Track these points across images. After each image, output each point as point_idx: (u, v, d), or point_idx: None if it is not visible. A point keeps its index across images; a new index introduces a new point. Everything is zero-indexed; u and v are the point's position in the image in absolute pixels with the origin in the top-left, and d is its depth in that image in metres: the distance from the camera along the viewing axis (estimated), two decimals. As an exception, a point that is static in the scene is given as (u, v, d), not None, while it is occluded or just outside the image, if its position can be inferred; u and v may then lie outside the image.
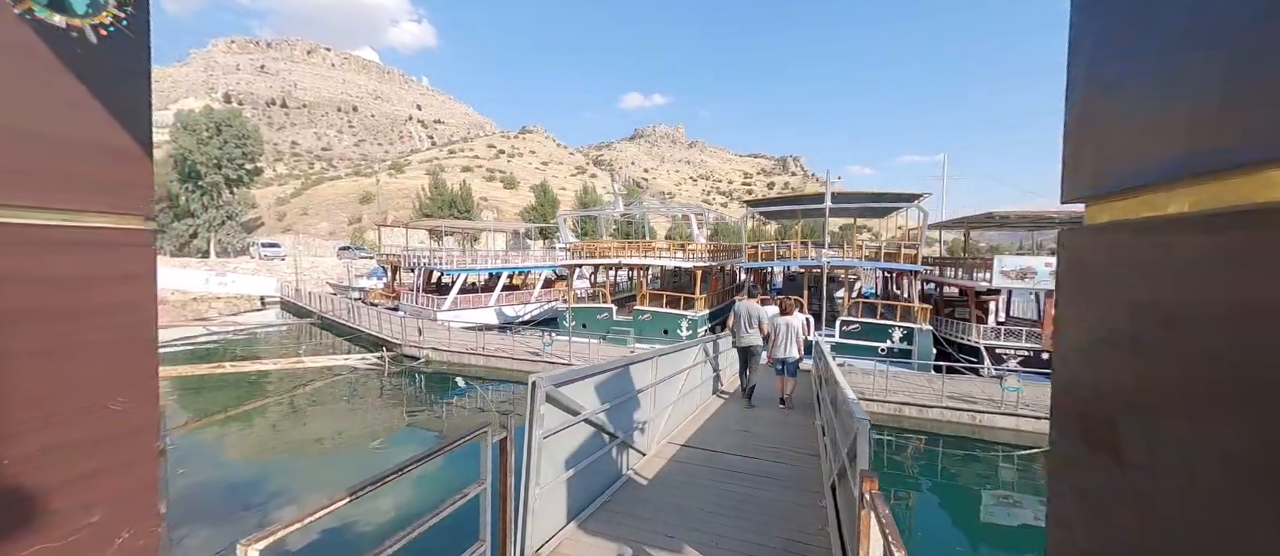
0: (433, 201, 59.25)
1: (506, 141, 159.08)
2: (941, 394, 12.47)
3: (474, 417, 13.30)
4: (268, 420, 12.47)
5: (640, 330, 19.07)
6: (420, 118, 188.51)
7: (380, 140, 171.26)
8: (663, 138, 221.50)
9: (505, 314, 25.37)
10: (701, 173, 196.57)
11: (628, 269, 25.60)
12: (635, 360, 4.83)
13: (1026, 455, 10.94)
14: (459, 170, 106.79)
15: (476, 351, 16.85)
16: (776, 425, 6.98)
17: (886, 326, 16.25)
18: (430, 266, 24.48)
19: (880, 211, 17.65)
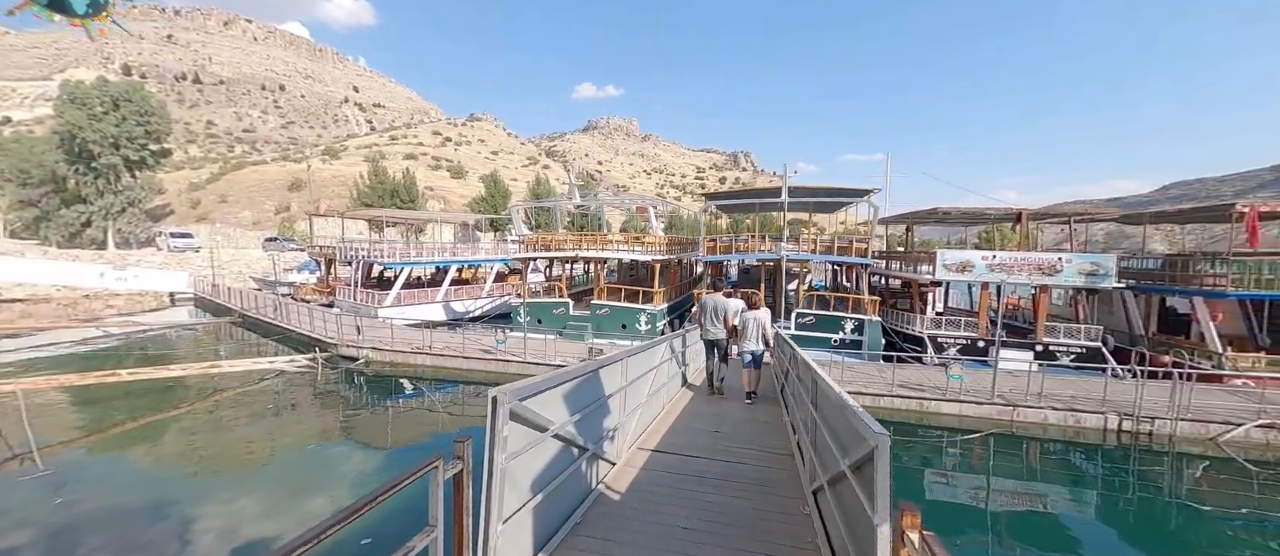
0: (372, 190, 55.60)
1: (454, 129, 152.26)
2: (892, 383, 12.90)
3: (422, 421, 12.37)
4: (176, 434, 10.99)
5: (598, 325, 18.59)
6: (357, 101, 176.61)
7: (312, 123, 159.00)
8: (616, 130, 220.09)
9: (454, 310, 24.07)
10: (655, 166, 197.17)
11: (584, 262, 24.98)
12: (605, 363, 4.41)
13: (968, 439, 11.48)
14: (401, 157, 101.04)
15: (423, 350, 15.76)
16: (745, 422, 6.82)
17: (839, 318, 16.70)
18: (370, 259, 22.73)
19: (833, 206, 18.13)
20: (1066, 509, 9.38)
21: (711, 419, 6.78)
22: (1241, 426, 10.78)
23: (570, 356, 15.02)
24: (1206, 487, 9.97)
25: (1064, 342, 15.36)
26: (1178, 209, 16.67)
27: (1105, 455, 11.13)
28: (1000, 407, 12.03)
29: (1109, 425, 11.45)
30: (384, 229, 42.10)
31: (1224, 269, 13.46)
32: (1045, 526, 8.69)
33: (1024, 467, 10.92)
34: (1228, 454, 10.67)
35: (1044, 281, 15.34)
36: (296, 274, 31.82)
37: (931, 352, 15.83)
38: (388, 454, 10.21)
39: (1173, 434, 11.05)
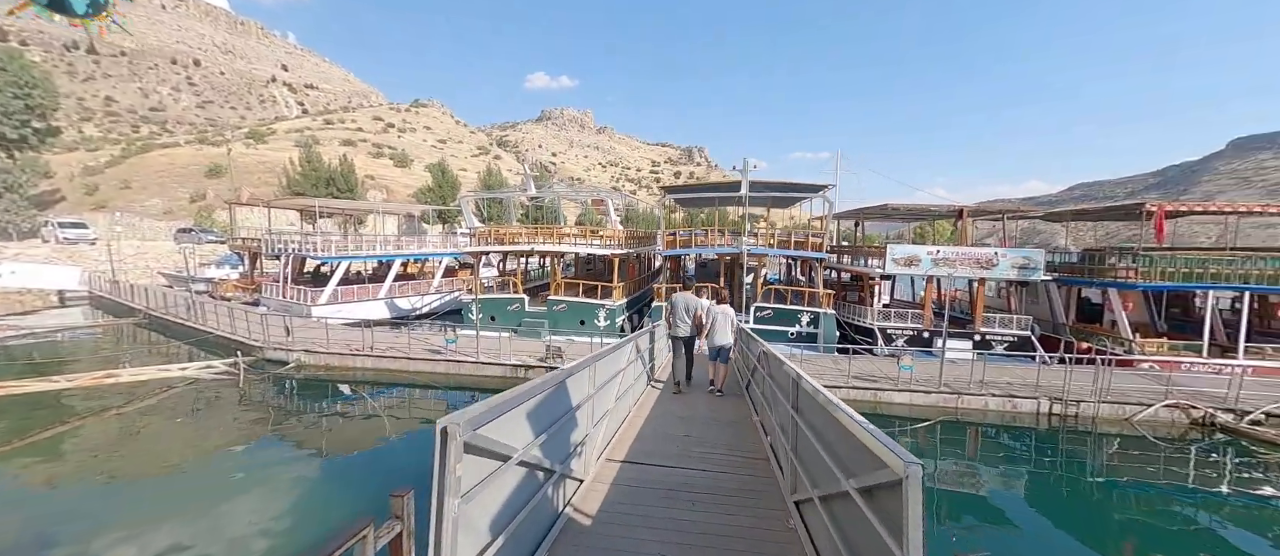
0: (305, 177, 51.53)
1: (397, 115, 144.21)
2: (848, 374, 13.20)
3: (362, 431, 11.34)
4: (64, 454, 9.47)
5: (555, 321, 17.95)
6: (287, 80, 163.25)
7: (234, 103, 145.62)
8: (571, 121, 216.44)
9: (399, 307, 22.57)
10: (611, 159, 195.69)
11: (540, 256, 24.14)
12: (572, 371, 3.97)
13: (919, 427, 11.91)
14: (338, 143, 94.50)
15: (362, 351, 14.56)
16: (714, 422, 6.60)
17: (796, 311, 16.97)
18: (303, 253, 20.81)
19: (789, 200, 18.39)
20: (1003, 488, 9.97)
21: (680, 422, 6.49)
22: (1151, 406, 11.82)
23: (526, 355, 14.36)
24: (1122, 464, 10.84)
25: (999, 332, 16.36)
26: (1097, 207, 18.17)
27: (1038, 437, 11.89)
28: (946, 396, 12.59)
29: (1041, 409, 12.24)
30: (318, 220, 39.05)
31: (1135, 263, 14.74)
32: (984, 507, 9.12)
33: (969, 451, 11.49)
34: (1140, 432, 11.69)
35: (982, 275, 16.24)
36: (215, 269, 28.84)
37: (881, 343, 16.41)
38: (319, 472, 9.24)
39: (1095, 416, 11.97)
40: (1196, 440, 11.53)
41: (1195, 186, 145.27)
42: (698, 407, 7.26)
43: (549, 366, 13.78)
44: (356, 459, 9.95)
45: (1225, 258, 14.61)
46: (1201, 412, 11.68)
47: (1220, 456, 10.98)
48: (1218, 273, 14.38)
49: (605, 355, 5.07)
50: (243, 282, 24.15)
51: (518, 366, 13.95)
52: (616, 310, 17.88)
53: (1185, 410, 11.77)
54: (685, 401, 7.57)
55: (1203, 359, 14.42)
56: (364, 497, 8.39)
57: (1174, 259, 14.52)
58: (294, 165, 53.14)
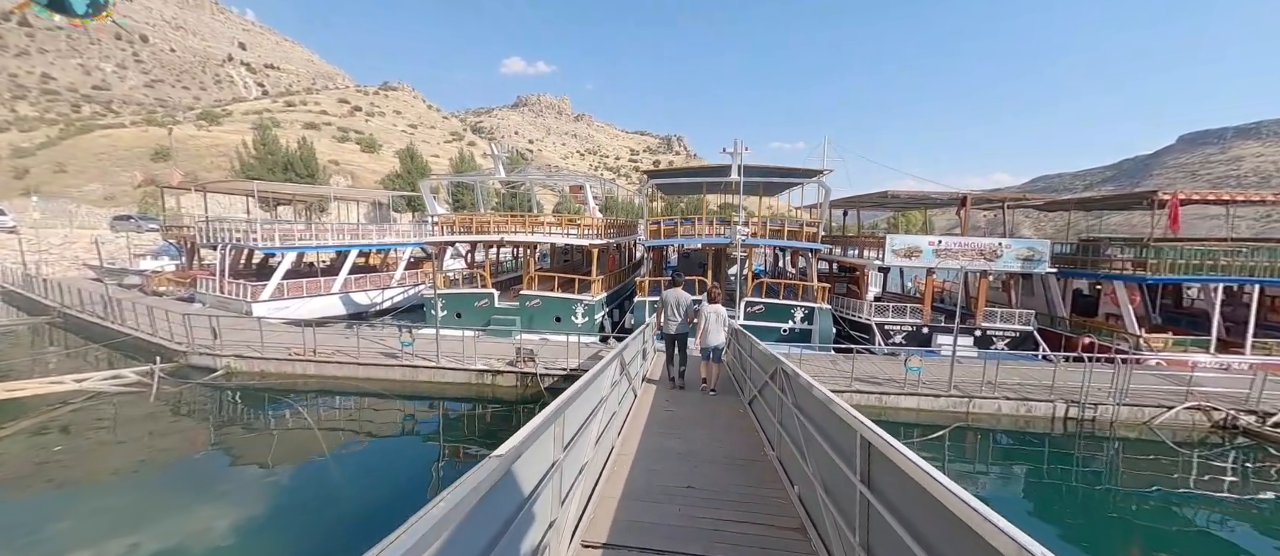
0: (260, 161, 47.98)
1: (364, 97, 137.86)
2: (851, 376, 12.06)
3: (292, 452, 9.60)
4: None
5: (529, 318, 16.35)
6: (245, 59, 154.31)
7: (186, 83, 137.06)
8: (548, 108, 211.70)
9: (357, 302, 20.55)
10: (589, 147, 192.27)
11: (512, 247, 22.37)
12: (529, 441, 2.48)
13: (932, 435, 10.83)
14: (300, 126, 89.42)
15: (304, 356, 12.72)
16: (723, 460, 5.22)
17: (789, 307, 15.79)
18: (243, 242, 18.55)
19: (780, 187, 17.13)
20: (1023, 498, 9.19)
21: (678, 461, 5.09)
22: (1172, 409, 11.02)
23: (494, 358, 12.77)
24: (1144, 470, 10.01)
25: (1000, 327, 15.50)
26: (1103, 196, 17.50)
27: (1053, 442, 11.00)
28: (956, 399, 11.57)
29: (1057, 412, 11.34)
30: (276, 208, 36.17)
31: (1144, 254, 13.99)
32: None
33: (983, 459, 10.50)
34: (1159, 436, 10.89)
35: (985, 267, 15.32)
36: (152, 260, 26.10)
37: (879, 341, 15.38)
38: (229, 518, 7.53)
39: (1114, 419, 11.13)
40: (1217, 444, 10.80)
41: (1147, 179, 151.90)
42: (696, 438, 5.90)
43: (520, 372, 12.24)
44: (284, 491, 8.27)
45: (1231, 248, 13.99)
46: (1223, 415, 10.93)
47: (1244, 461, 10.26)
48: (1227, 265, 13.74)
49: (578, 395, 3.59)
50: (178, 276, 21.67)
51: (484, 371, 12.36)
52: (595, 305, 16.38)
53: (1206, 412, 11.02)
54: (682, 427, 6.24)
55: (1211, 355, 13.81)
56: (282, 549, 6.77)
57: (1185, 251, 13.82)
58: (248, 148, 49.42)
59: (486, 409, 11.83)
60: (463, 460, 9.78)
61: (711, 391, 7.51)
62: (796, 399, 4.51)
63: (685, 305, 7.73)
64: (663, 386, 7.97)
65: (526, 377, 12.18)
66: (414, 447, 10.43)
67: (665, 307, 7.70)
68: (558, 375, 12.10)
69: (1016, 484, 9.74)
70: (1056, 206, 18.80)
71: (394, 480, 8.92)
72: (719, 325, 7.49)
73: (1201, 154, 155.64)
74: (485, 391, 12.35)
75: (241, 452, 9.40)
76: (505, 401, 12.09)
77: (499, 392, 12.31)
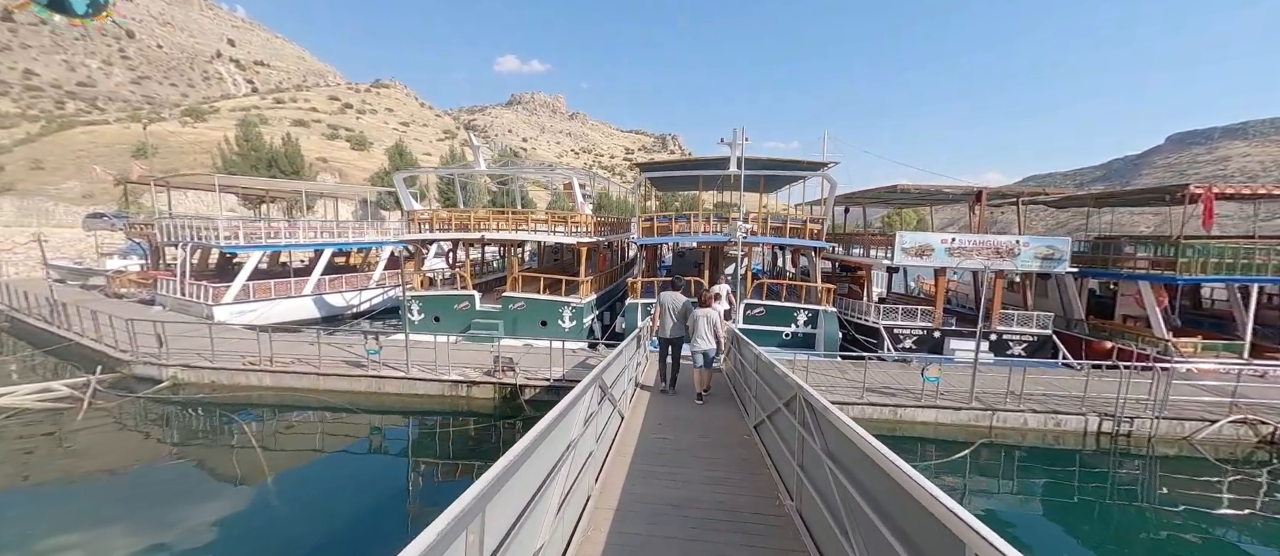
0: (243, 158, 46.52)
1: (356, 95, 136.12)
2: (862, 387, 10.99)
3: (240, 474, 8.43)
4: None
5: (512, 322, 15.19)
6: (234, 56, 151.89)
7: (174, 80, 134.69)
8: (542, 106, 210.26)
9: (331, 304, 19.33)
10: (583, 146, 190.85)
11: (499, 246, 21.19)
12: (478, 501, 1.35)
13: (954, 453, 9.76)
14: (289, 123, 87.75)
15: (260, 365, 11.52)
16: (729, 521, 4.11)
17: (791, 309, 14.72)
18: (204, 241, 17.27)
19: (780, 181, 16.04)
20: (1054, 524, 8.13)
21: (671, 517, 3.98)
22: (1216, 422, 10.02)
23: (469, 368, 11.61)
24: (1188, 491, 9.02)
25: (1017, 331, 14.50)
26: (1126, 190, 16.54)
27: (1084, 460, 9.99)
28: (979, 412, 10.52)
29: (1089, 427, 10.32)
30: (259, 205, 34.76)
31: (1176, 253, 13.01)
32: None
33: (1009, 479, 9.45)
34: (1201, 453, 9.90)
35: (1001, 266, 14.31)
36: (119, 260, 24.75)
37: (888, 346, 14.33)
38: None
39: (1153, 434, 10.11)
40: (1265, 462, 9.81)
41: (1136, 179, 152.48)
42: (694, 474, 4.82)
43: (498, 383, 11.10)
44: (214, 526, 7.09)
45: (1265, 246, 13.03)
46: (1271, 428, 9.94)
47: (1296, 481, 9.27)
48: (1263, 263, 12.78)
49: (545, 436, 2.48)
50: (142, 276, 20.36)
51: (459, 382, 11.20)
52: (584, 308, 15.25)
53: (1253, 426, 10.02)
54: (676, 460, 5.18)
55: (1245, 361, 12.85)
56: None
57: (1221, 249, 12.85)
58: (230, 144, 47.91)
59: (462, 424, 10.68)
60: (436, 482, 8.68)
61: (701, 398, 7.39)
62: (827, 444, 3.40)
63: (680, 309, 7.61)
64: (655, 396, 7.58)
65: (506, 389, 11.05)
66: (378, 469, 9.29)
67: (661, 311, 7.62)
68: (540, 386, 10.97)
69: (1046, 506, 8.74)
70: (1072, 202, 17.85)
71: (353, 507, 7.79)
72: (708, 330, 7.30)
73: (1189, 154, 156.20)
74: (460, 404, 11.20)
75: (170, 479, 8.21)
76: (482, 415, 10.95)
77: (476, 405, 11.17)
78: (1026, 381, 11.05)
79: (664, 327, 7.67)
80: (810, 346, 14.93)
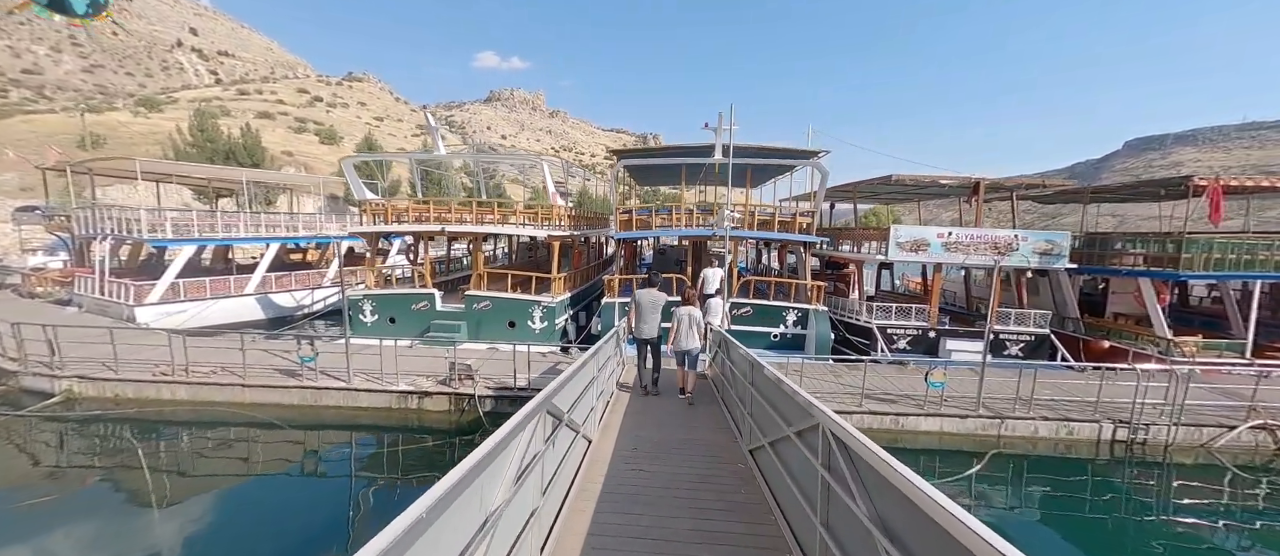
0: (198, 149, 43.76)
1: (326, 88, 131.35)
2: (860, 393, 9.99)
3: (131, 503, 6.93)
4: None
5: (477, 324, 13.81)
6: (196, 46, 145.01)
7: (130, 68, 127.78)
8: (522, 103, 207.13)
9: (278, 305, 17.57)
10: (564, 144, 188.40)
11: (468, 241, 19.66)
12: None
13: (970, 473, 8.82)
14: (252, 116, 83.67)
15: (174, 375, 9.93)
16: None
17: (781, 309, 13.72)
18: (127, 233, 15.37)
19: (772, 171, 15.03)
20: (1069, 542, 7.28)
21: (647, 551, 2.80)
22: (1235, 428, 9.34)
23: (421, 376, 10.23)
24: (1208, 501, 8.31)
25: (1014, 331, 13.78)
26: (1123, 184, 16.03)
27: (1096, 470, 9.20)
28: (987, 420, 9.64)
29: (1103, 434, 9.54)
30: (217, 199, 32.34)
31: (1180, 249, 12.42)
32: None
33: (1018, 495, 8.57)
34: (1219, 461, 9.21)
35: (1000, 262, 13.55)
36: (44, 256, 22.44)
37: (882, 347, 13.44)
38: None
39: (1171, 442, 9.37)
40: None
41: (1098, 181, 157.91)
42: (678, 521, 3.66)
43: (453, 393, 9.75)
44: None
45: (1268, 241, 12.56)
46: (1290, 434, 9.29)
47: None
48: (1265, 259, 12.29)
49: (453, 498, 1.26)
50: (62, 274, 18.23)
51: (409, 393, 9.82)
52: (557, 308, 13.96)
53: (1272, 431, 9.36)
54: (655, 500, 4.01)
55: (1246, 360, 12.34)
56: None
57: (1228, 244, 12.31)
58: (182, 134, 44.98)
59: (413, 441, 9.31)
60: (382, 508, 7.36)
61: (689, 402, 6.92)
62: (873, 506, 2.26)
63: (660, 307, 7.18)
64: (634, 405, 6.84)
65: (462, 400, 9.71)
66: (312, 496, 7.91)
67: (639, 310, 7.12)
68: (502, 397, 9.66)
69: (1062, 521, 7.90)
70: (1069, 196, 17.33)
71: (277, 545, 6.43)
72: (693, 329, 6.89)
73: (1145, 159, 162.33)
74: (411, 418, 9.82)
75: (50, 513, 6.65)
76: (436, 431, 9.59)
77: (429, 419, 9.80)
78: (1033, 385, 10.21)
79: (641, 327, 7.17)
80: (800, 348, 13.96)
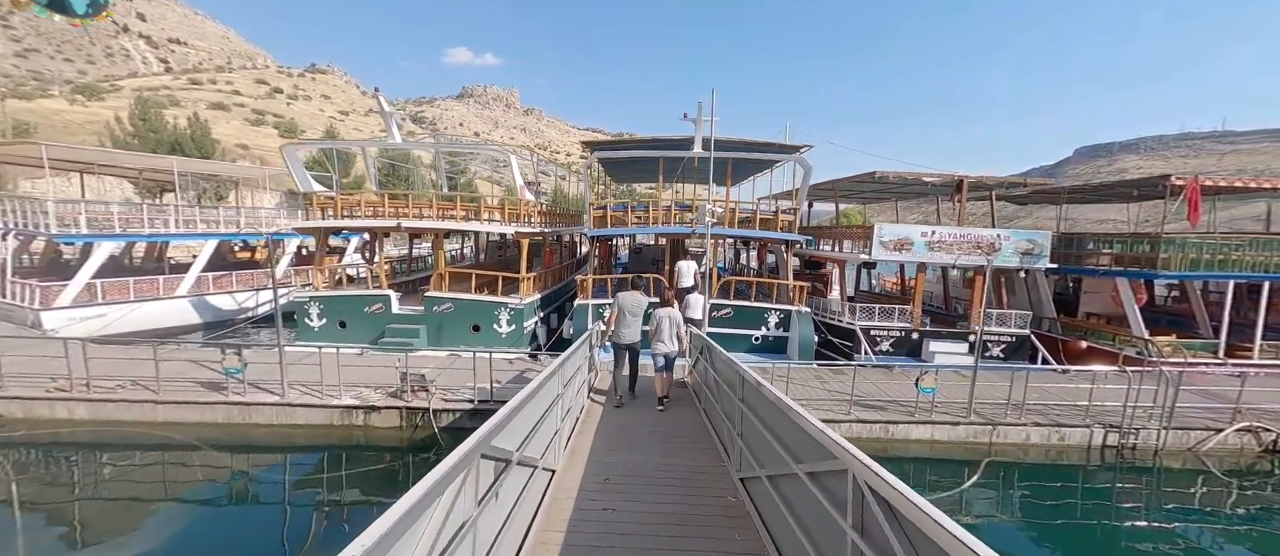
0: (140, 139, 40.58)
1: (287, 80, 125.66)
2: (848, 400, 9.42)
3: None
4: None
5: (437, 327, 12.71)
6: (144, 32, 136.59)
7: (69, 54, 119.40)
8: (495, 100, 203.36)
9: (216, 307, 15.99)
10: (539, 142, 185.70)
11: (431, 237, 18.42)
12: None
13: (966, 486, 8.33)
14: (205, 106, 79.12)
15: (73, 391, 8.56)
16: None
17: (762, 310, 13.12)
18: (33, 228, 13.61)
19: (753, 166, 14.41)
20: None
21: None
22: (1222, 431, 9.16)
23: (368, 388, 9.15)
24: (1198, 506, 8.09)
25: (995, 332, 13.55)
26: (1099, 184, 16.11)
27: (1087, 475, 8.89)
28: (978, 427, 9.21)
29: (1094, 440, 9.23)
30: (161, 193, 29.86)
31: (1158, 249, 12.38)
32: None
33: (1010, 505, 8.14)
34: (1206, 465, 9.02)
35: (983, 261, 13.29)
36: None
37: (866, 349, 12.99)
38: None
39: (1160, 446, 9.13)
40: (1268, 472, 9.04)
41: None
42: None
43: (405, 407, 8.72)
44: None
45: (1240, 241, 12.66)
46: (1274, 436, 9.18)
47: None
48: (1237, 259, 12.37)
49: None
50: (-36, 275, 16.11)
51: (355, 407, 8.73)
52: (525, 310, 12.99)
53: (1256, 433, 9.23)
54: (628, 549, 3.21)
55: (1220, 359, 12.39)
56: None
57: (1205, 244, 12.33)
58: (122, 123, 41.68)
59: (359, 462, 8.25)
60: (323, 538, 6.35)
61: (661, 405, 6.75)
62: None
63: (643, 311, 6.80)
64: (607, 420, 6.30)
65: (415, 414, 8.69)
66: (237, 527, 6.78)
67: (620, 314, 6.77)
68: (460, 411, 8.68)
69: (1056, 531, 7.51)
70: (1043, 195, 17.39)
71: None
72: (671, 331, 6.67)
73: (1094, 165, 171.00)
74: (356, 436, 8.73)
75: None
76: (387, 449, 8.54)
77: (377, 437, 8.74)
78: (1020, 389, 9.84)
79: (622, 332, 6.80)
80: (782, 351, 13.41)
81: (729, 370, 5.22)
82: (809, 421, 2.75)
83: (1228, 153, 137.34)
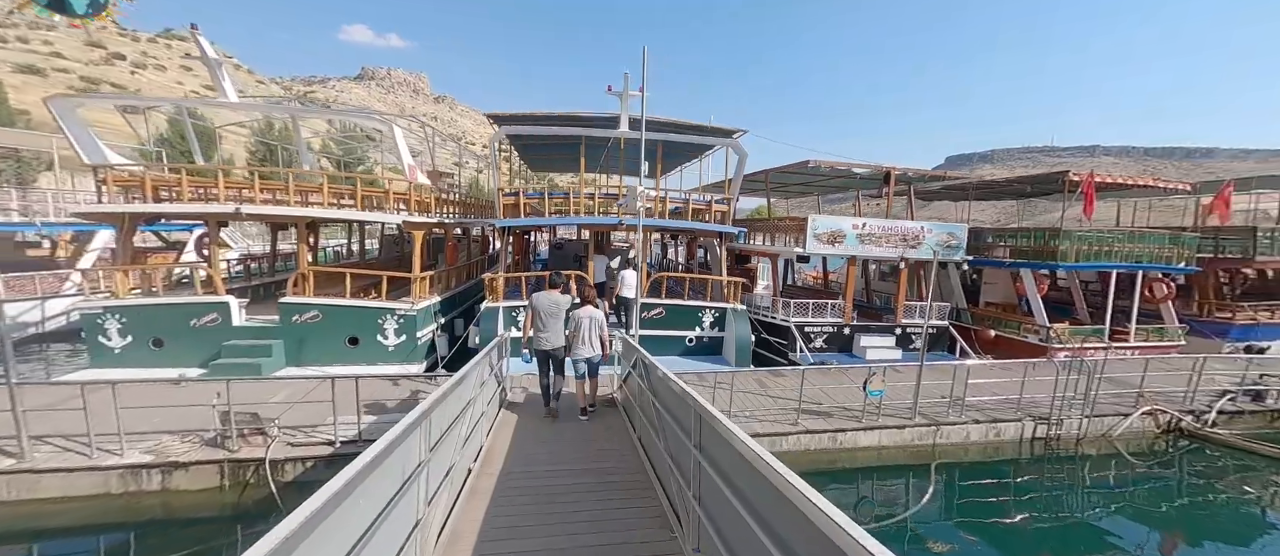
0: (-113, 104, 30.96)
1: (132, 45, 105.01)
2: (795, 408, 8.49)
3: None
4: None
5: (298, 342, 9.98)
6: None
7: None
8: (402, 84, 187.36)
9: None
10: (452, 132, 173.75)
11: (299, 229, 15.07)
12: None
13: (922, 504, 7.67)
14: (9, 68, 63.43)
15: None
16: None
17: (696, 309, 11.99)
18: None
19: (685, 150, 13.18)
20: None
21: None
22: (1129, 416, 9.51)
23: (170, 435, 6.54)
24: (1114, 490, 8.24)
25: (918, 324, 13.62)
26: (1003, 180, 16.97)
27: (1020, 468, 8.78)
28: (922, 429, 8.72)
29: (1025, 433, 9.15)
30: None
31: (1059, 241, 13.05)
32: None
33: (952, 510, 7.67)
34: (1117, 448, 9.32)
35: (908, 254, 13.27)
36: None
37: (802, 347, 12.37)
38: None
39: (1083, 434, 9.26)
40: (1163, 451, 9.54)
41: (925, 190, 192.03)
42: None
43: (229, 461, 6.29)
44: None
45: (1122, 234, 13.80)
46: (1168, 417, 9.72)
47: (1196, 466, 9.04)
48: (1115, 250, 13.43)
49: None
50: None
51: (147, 467, 6.13)
52: (418, 317, 10.66)
53: (1155, 416, 9.72)
54: None
55: (1105, 343, 13.36)
56: None
57: (1095, 236, 13.19)
58: None
59: (152, 543, 5.73)
60: None
61: (585, 412, 6.26)
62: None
63: (563, 312, 6.19)
64: (520, 441, 5.47)
65: (243, 469, 6.29)
66: None
67: (537, 317, 6.12)
68: (314, 459, 6.44)
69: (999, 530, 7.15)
70: (956, 192, 18.20)
71: None
72: (594, 333, 6.13)
73: (960, 171, 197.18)
74: (149, 507, 6.14)
75: None
76: (198, 522, 6.07)
77: (182, 506, 6.21)
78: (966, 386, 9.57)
79: (540, 338, 6.11)
80: (717, 352, 12.40)
81: (676, 402, 3.78)
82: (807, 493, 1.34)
83: (1056, 163, 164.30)
